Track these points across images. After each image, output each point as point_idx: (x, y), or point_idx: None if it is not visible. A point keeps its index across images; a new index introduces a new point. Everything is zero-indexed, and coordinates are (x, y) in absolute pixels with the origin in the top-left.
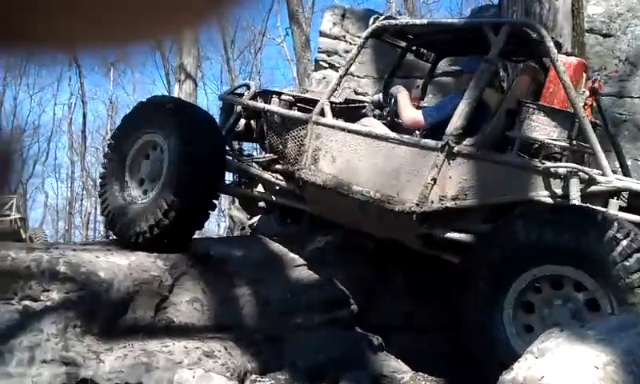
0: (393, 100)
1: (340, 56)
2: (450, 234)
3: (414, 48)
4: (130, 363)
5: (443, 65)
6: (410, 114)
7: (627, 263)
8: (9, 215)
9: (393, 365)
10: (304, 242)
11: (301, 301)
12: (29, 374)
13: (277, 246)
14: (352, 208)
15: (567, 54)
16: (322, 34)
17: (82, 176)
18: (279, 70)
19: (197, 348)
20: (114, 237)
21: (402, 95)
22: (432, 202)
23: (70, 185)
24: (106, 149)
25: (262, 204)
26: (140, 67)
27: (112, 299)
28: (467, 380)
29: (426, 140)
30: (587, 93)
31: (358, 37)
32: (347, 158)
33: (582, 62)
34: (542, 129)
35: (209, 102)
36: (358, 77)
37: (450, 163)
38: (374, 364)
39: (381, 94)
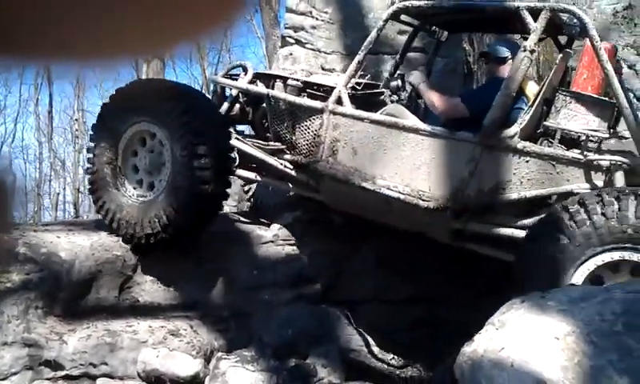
0: (412, 89)
1: (307, 32)
2: (485, 229)
3: (428, 27)
4: (94, 344)
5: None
6: (446, 101)
7: None
8: None
9: (361, 338)
10: (272, 219)
11: (268, 277)
12: None
13: (244, 223)
14: (377, 203)
15: None
16: (289, 10)
17: (49, 157)
18: (250, 48)
19: (162, 327)
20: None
21: (424, 84)
22: (468, 196)
23: (38, 166)
24: (92, 131)
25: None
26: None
27: (74, 280)
28: (432, 352)
29: (462, 132)
30: None
31: (325, 12)
32: (370, 151)
33: (613, 46)
34: (580, 118)
35: (178, 80)
36: (325, 53)
37: (487, 156)
38: (342, 338)
39: (399, 80)
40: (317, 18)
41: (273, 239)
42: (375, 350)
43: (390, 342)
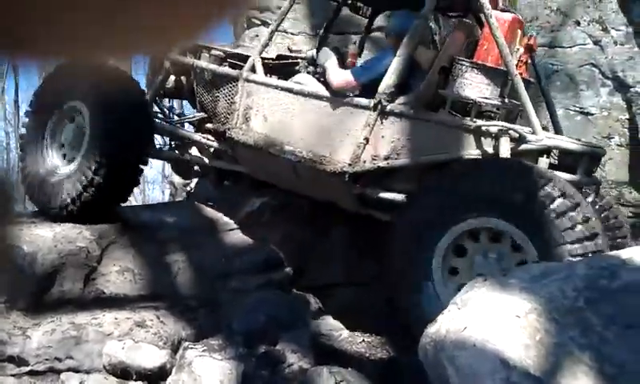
0: (322, 68)
1: (273, 12)
2: (381, 194)
3: (350, 2)
4: (59, 338)
5: (380, 20)
6: (339, 76)
7: (560, 221)
8: None
9: (331, 323)
10: (239, 205)
11: (235, 264)
12: None
13: (210, 211)
14: (285, 169)
15: (502, 10)
16: None
17: (17, 147)
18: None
19: (128, 318)
20: (35, 206)
21: (330, 61)
22: (364, 161)
23: (5, 156)
24: (26, 112)
25: (197, 167)
26: None
27: (37, 273)
28: (403, 334)
29: (359, 98)
30: (522, 50)
31: None
32: (279, 117)
33: (517, 18)
34: (474, 87)
35: (145, 63)
36: (292, 34)
37: (382, 122)
38: (311, 323)
39: (314, 51)
40: None
41: (240, 226)
42: (345, 333)
43: (360, 325)
